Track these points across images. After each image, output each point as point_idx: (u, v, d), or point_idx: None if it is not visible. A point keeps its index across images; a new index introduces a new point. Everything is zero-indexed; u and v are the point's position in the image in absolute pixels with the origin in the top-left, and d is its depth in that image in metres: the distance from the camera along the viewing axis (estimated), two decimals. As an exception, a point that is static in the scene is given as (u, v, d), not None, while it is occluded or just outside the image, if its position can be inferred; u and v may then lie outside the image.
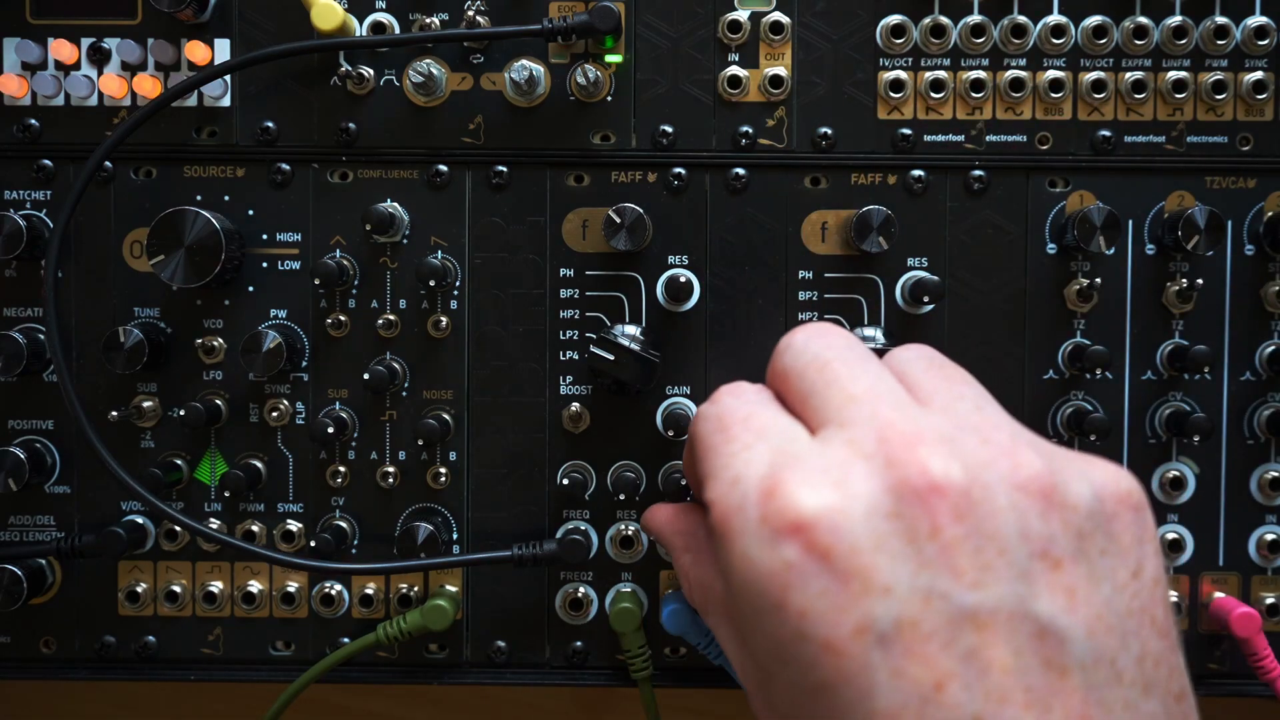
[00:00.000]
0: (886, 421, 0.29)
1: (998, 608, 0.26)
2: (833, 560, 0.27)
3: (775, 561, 0.27)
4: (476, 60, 0.46)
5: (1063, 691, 0.26)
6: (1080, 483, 0.29)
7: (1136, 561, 0.28)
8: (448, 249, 0.47)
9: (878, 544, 0.27)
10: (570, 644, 0.48)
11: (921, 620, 0.26)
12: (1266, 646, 0.45)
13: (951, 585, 0.26)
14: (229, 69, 0.45)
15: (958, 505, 0.27)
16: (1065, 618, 0.27)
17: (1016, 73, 0.46)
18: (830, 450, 0.29)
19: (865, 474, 0.28)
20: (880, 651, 0.26)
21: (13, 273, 0.47)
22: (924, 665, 0.26)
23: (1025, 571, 0.27)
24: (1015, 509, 0.27)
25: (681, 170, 0.47)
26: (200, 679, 0.48)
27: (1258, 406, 0.47)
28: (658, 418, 0.47)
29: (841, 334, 0.34)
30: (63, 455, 0.47)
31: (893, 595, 0.26)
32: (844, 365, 0.32)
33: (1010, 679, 0.26)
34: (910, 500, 0.27)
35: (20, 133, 0.46)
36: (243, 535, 0.47)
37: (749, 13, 0.46)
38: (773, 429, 0.31)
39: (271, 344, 0.45)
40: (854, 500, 0.27)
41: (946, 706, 0.25)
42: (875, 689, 0.26)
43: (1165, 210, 0.47)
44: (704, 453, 0.32)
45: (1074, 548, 0.28)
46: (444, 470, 0.47)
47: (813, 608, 0.27)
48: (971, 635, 0.26)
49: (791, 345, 0.34)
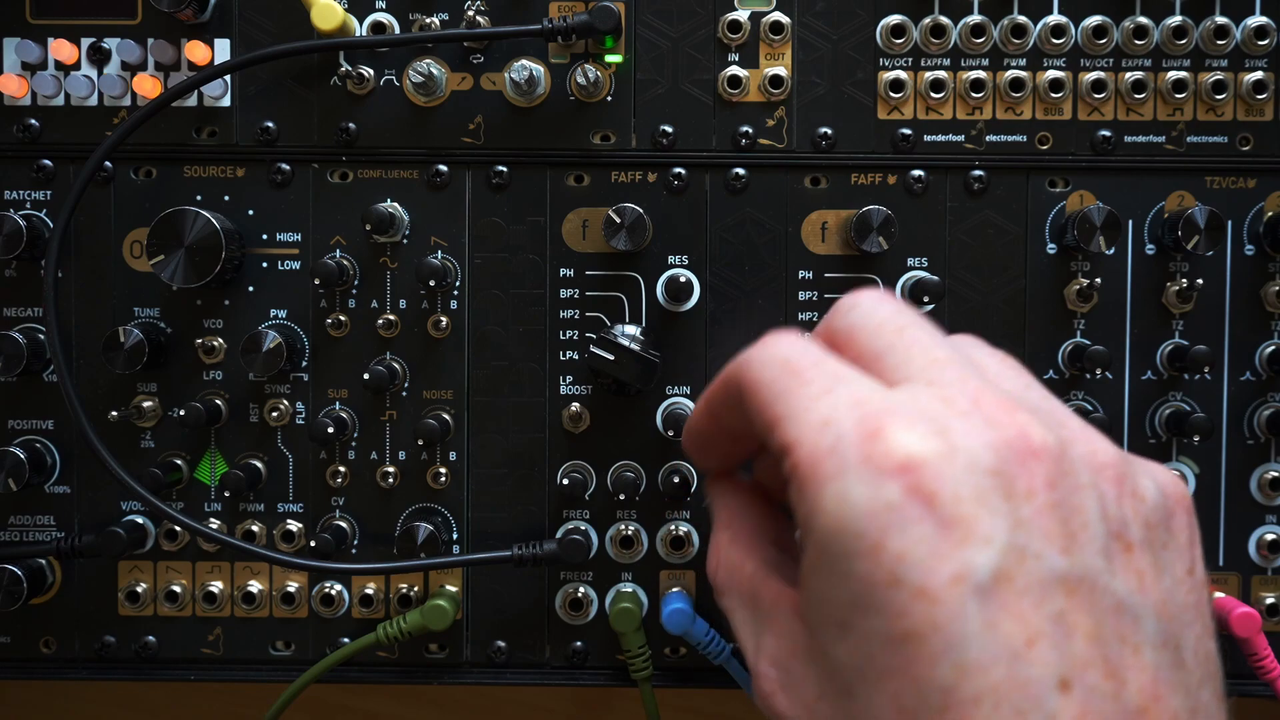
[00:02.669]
0: (976, 386, 0.29)
1: (1084, 576, 0.27)
2: (936, 506, 0.27)
3: (877, 502, 0.27)
4: (476, 60, 0.46)
5: (1136, 667, 0.27)
6: (1146, 478, 0.30)
7: (1191, 560, 0.30)
8: (448, 249, 0.47)
9: (979, 496, 0.27)
10: (570, 644, 0.48)
11: (1016, 576, 0.26)
12: (1266, 646, 0.45)
13: (1045, 547, 0.27)
14: (229, 69, 0.45)
15: (1051, 473, 0.27)
16: (1138, 597, 0.27)
17: (1016, 73, 0.46)
18: (925, 403, 0.29)
19: (966, 429, 0.28)
20: (976, 602, 0.26)
21: (13, 273, 0.47)
22: (1017, 621, 0.26)
23: (1104, 548, 0.27)
24: (1095, 488, 0.28)
25: (681, 170, 0.47)
26: (200, 679, 0.48)
27: (1258, 406, 0.47)
28: (658, 418, 0.47)
29: (909, 306, 0.33)
30: (63, 455, 0.47)
31: (992, 548, 0.26)
32: (922, 332, 0.32)
33: (1093, 647, 0.26)
34: (1010, 459, 0.27)
35: (20, 133, 0.46)
36: (243, 535, 0.47)
37: (749, 13, 0.46)
38: (849, 376, 0.31)
39: (271, 344, 0.45)
40: (958, 451, 0.27)
41: (1036, 664, 0.26)
42: (966, 640, 0.26)
43: (1165, 210, 0.47)
44: (772, 396, 0.31)
45: (1142, 536, 0.28)
46: (444, 470, 0.47)
47: (912, 552, 0.26)
48: (1061, 598, 0.26)
49: (859, 304, 0.33)
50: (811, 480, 0.29)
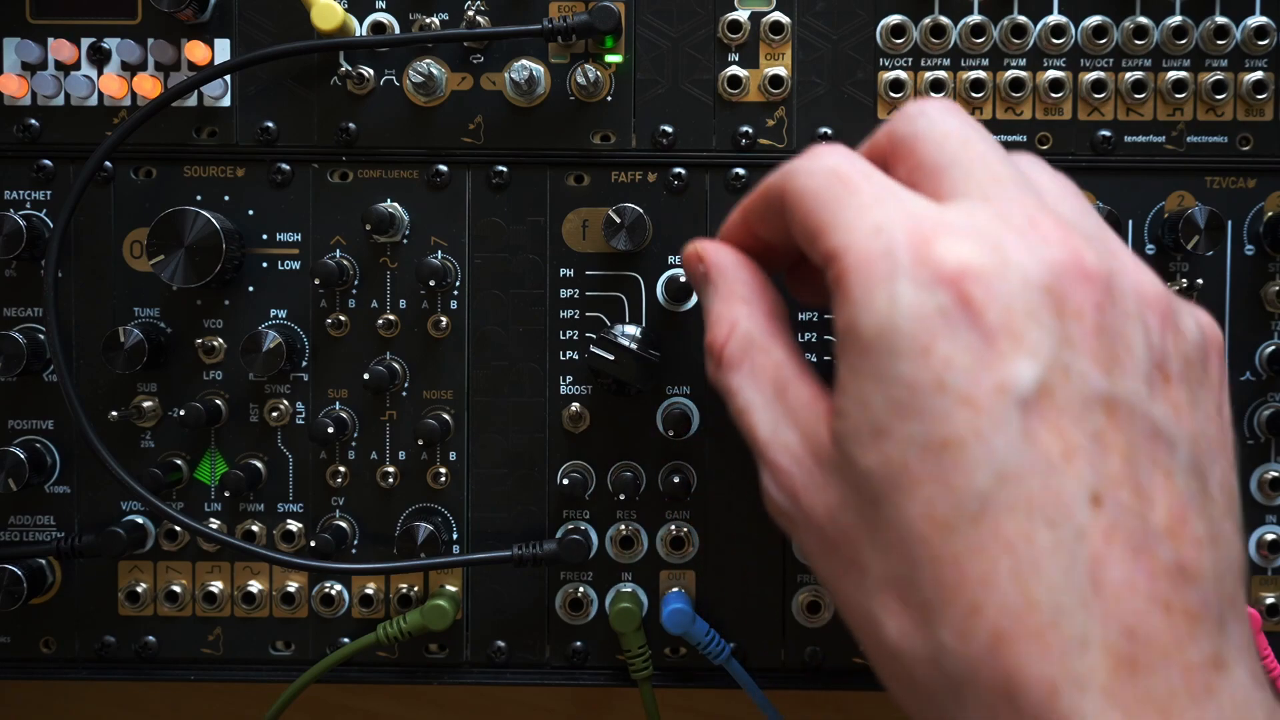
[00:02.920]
0: (1034, 206, 0.29)
1: (1124, 399, 0.27)
2: (986, 316, 0.27)
3: (929, 305, 0.27)
4: (476, 60, 0.46)
5: (1166, 490, 0.27)
6: (1188, 317, 0.30)
7: (1220, 399, 0.30)
8: (448, 249, 0.47)
9: (1029, 311, 0.27)
10: (570, 644, 0.48)
11: (1059, 391, 0.27)
12: (1266, 646, 0.45)
13: (1090, 367, 0.27)
14: (229, 69, 0.45)
15: (1100, 297, 0.28)
16: (1173, 425, 0.28)
17: (1016, 73, 0.46)
18: (980, 218, 0.29)
19: (1020, 245, 0.28)
20: (1018, 413, 0.26)
21: (13, 273, 0.47)
22: (1057, 434, 0.26)
23: (1146, 376, 0.28)
24: (1141, 319, 0.29)
25: (681, 170, 0.47)
26: (200, 679, 0.48)
27: (1258, 406, 0.47)
28: (658, 418, 0.47)
29: (975, 120, 0.33)
30: (63, 455, 0.47)
31: (1037, 361, 0.27)
32: (987, 146, 0.31)
33: (1126, 467, 0.27)
34: (1063, 279, 0.28)
35: (20, 133, 0.46)
36: (243, 535, 0.47)
37: (749, 13, 0.46)
38: (900, 190, 0.30)
39: (271, 344, 0.45)
40: (1011, 265, 0.27)
41: (1071, 478, 0.26)
42: (1006, 449, 0.26)
43: (1165, 210, 0.47)
44: (820, 204, 0.31)
45: (1181, 370, 0.29)
46: (444, 470, 0.47)
47: (959, 359, 0.27)
48: (1101, 418, 0.27)
49: (926, 113, 0.32)
50: (861, 283, 0.28)
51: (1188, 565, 0.26)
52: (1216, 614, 0.27)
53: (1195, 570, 0.26)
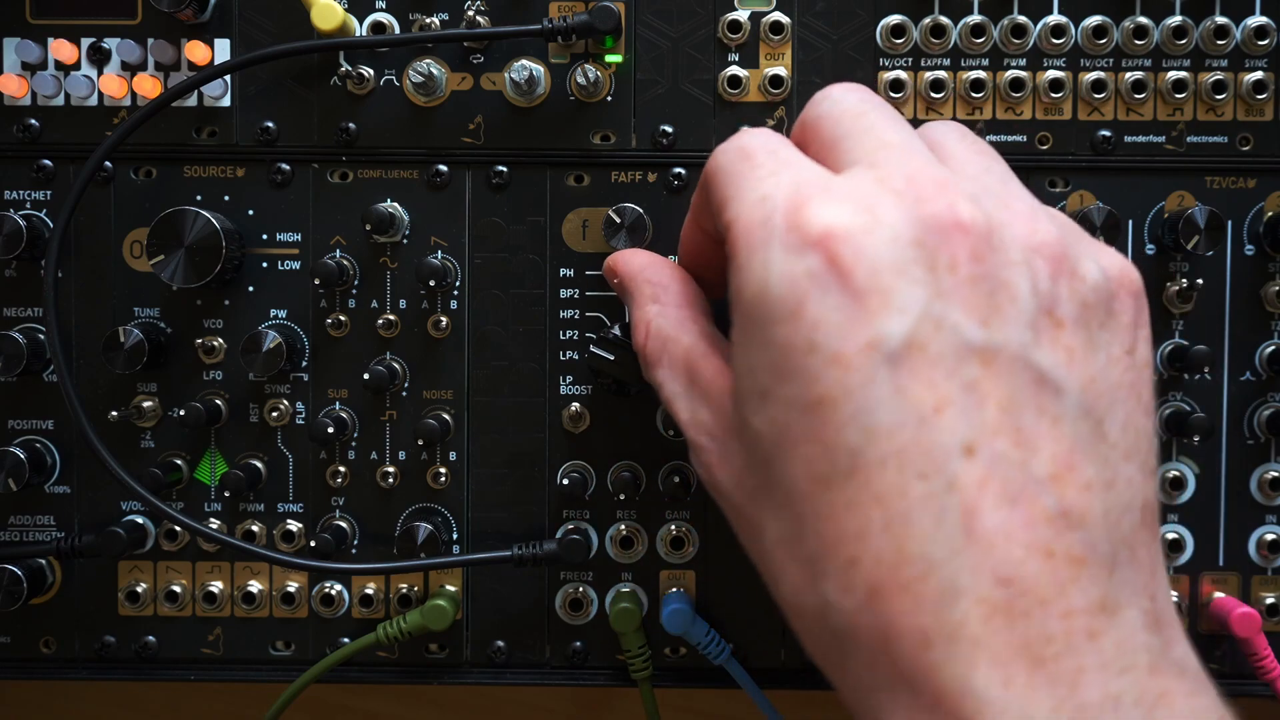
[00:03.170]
0: (917, 167, 0.30)
1: (1003, 348, 0.27)
2: (853, 276, 0.27)
3: (797, 269, 0.28)
4: (476, 60, 0.46)
5: (1052, 437, 0.27)
6: (1089, 260, 0.30)
7: (1130, 341, 0.30)
8: (448, 249, 0.47)
9: (898, 268, 0.27)
10: (570, 644, 0.48)
11: (930, 344, 0.27)
12: (1266, 646, 0.45)
13: (963, 319, 0.27)
14: (229, 69, 0.45)
15: (977, 247, 0.28)
16: (1062, 370, 0.28)
17: (1016, 73, 0.46)
18: (859, 182, 0.30)
19: (893, 205, 0.29)
20: (887, 369, 0.27)
21: (13, 273, 0.47)
22: (927, 387, 0.27)
23: (1032, 322, 0.28)
24: (1028, 265, 0.29)
25: (681, 170, 0.47)
26: (200, 679, 0.48)
27: (1258, 406, 0.47)
28: (658, 418, 0.47)
29: (881, 99, 0.34)
30: (63, 455, 0.47)
31: (906, 316, 0.27)
32: (881, 117, 0.32)
33: (1005, 416, 0.27)
34: (934, 233, 0.28)
35: (20, 133, 0.46)
36: (243, 535, 0.47)
37: (749, 13, 0.46)
38: (799, 162, 0.32)
39: (271, 344, 0.45)
40: (880, 224, 0.28)
41: (941, 430, 0.26)
42: (876, 404, 0.27)
43: (1165, 210, 0.47)
44: (726, 179, 0.32)
45: (1076, 314, 0.29)
46: (444, 470, 0.47)
47: (827, 319, 0.27)
48: (975, 368, 0.27)
49: (830, 94, 0.34)
50: (744, 251, 0.30)
51: (1072, 510, 0.27)
52: (1107, 558, 0.27)
53: (1081, 515, 0.27)
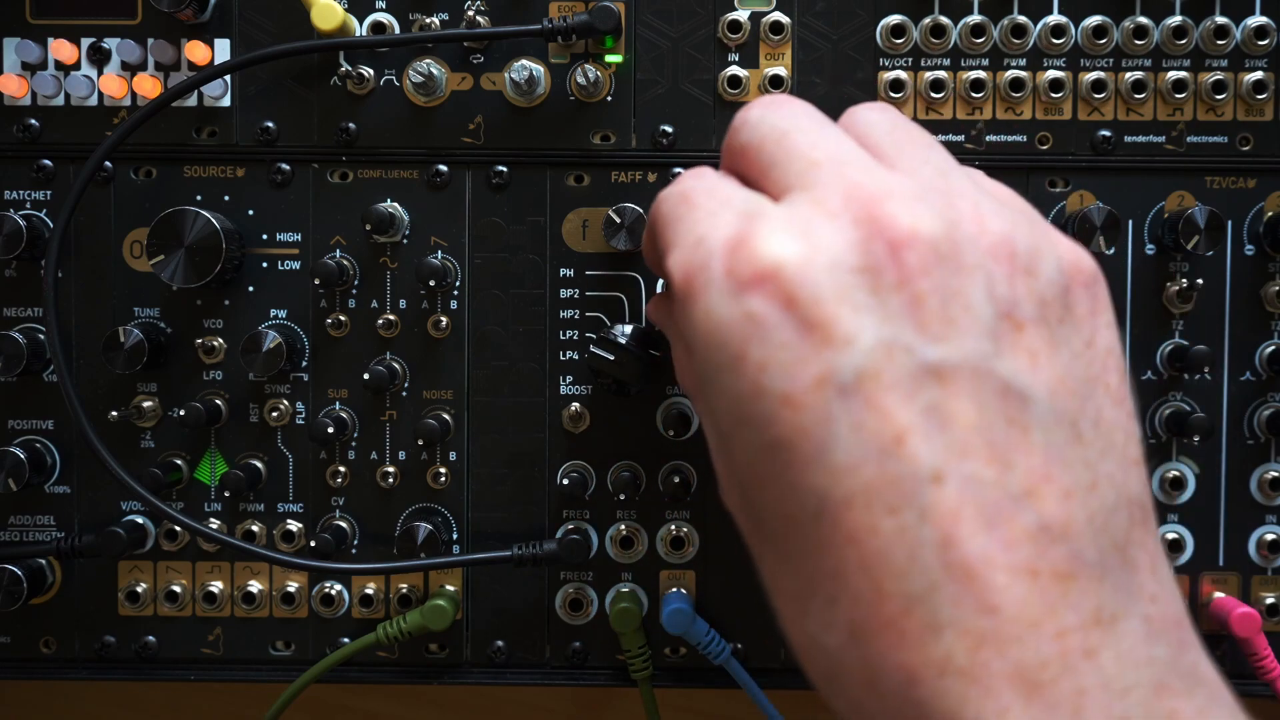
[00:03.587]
0: (853, 182, 0.28)
1: (962, 363, 0.26)
2: (795, 311, 0.26)
3: (737, 314, 0.27)
4: (476, 60, 0.46)
5: (1025, 448, 0.26)
6: (1044, 254, 0.29)
7: (1090, 332, 0.29)
8: (448, 249, 0.47)
9: (841, 295, 0.26)
10: (570, 644, 0.48)
11: (883, 372, 0.26)
12: (1266, 646, 0.45)
13: (915, 339, 0.26)
14: (229, 69, 0.45)
15: (925, 259, 0.27)
16: (1028, 377, 0.26)
17: (1016, 73, 0.46)
18: (796, 210, 0.28)
19: (831, 229, 0.27)
20: (840, 404, 0.25)
21: (13, 273, 0.47)
22: (884, 418, 0.25)
23: (991, 330, 0.27)
24: (982, 269, 0.27)
25: (681, 170, 0.46)
26: (200, 679, 0.48)
27: (1258, 406, 0.47)
28: (658, 418, 0.47)
29: (797, 103, 0.32)
30: (63, 455, 0.47)
31: (854, 347, 0.26)
32: (802, 134, 0.31)
33: (973, 434, 0.25)
34: (877, 252, 0.27)
35: (20, 133, 0.46)
36: (243, 535, 0.47)
37: (749, 13, 0.46)
38: (737, 198, 0.30)
39: (271, 344, 0.45)
40: (819, 251, 0.27)
41: (906, 460, 0.25)
42: (834, 442, 0.25)
43: (1165, 210, 0.47)
44: (666, 225, 0.31)
45: (1036, 313, 0.27)
46: (444, 470, 0.47)
47: (773, 359, 0.26)
48: (934, 389, 0.26)
49: (747, 121, 0.32)
50: (687, 298, 0.28)
51: (1053, 523, 0.25)
52: (1096, 566, 0.25)
53: (1064, 526, 0.25)
